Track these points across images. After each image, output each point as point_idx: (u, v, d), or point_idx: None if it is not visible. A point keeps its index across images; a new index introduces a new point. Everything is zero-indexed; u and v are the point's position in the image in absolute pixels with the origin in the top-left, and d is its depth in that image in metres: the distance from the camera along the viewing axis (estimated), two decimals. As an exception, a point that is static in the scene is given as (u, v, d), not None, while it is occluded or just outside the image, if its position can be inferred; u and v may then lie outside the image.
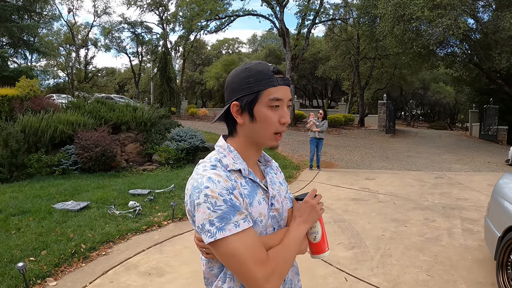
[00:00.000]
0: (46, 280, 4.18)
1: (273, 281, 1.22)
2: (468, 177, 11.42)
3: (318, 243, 1.46)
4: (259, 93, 1.29)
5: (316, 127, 11.74)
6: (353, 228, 6.21)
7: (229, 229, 1.17)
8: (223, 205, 1.18)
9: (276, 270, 1.23)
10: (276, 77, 1.31)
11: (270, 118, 1.29)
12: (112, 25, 41.99)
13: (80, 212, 6.54)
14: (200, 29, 28.08)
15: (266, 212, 1.34)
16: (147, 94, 47.33)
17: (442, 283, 4.29)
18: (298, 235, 1.35)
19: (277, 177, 1.51)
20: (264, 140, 1.33)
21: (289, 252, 1.31)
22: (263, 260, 1.22)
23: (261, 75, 1.30)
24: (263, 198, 1.35)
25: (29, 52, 31.28)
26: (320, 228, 1.46)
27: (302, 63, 35.52)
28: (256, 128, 1.31)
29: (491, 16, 20.79)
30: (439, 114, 53.90)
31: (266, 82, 1.29)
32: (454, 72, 25.45)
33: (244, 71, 1.33)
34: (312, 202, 1.40)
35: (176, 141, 11.93)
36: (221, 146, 1.37)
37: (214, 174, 1.24)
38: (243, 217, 1.21)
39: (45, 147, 10.33)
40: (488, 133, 24.19)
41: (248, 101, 1.29)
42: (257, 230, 1.29)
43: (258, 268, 1.19)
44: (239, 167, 1.31)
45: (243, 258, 1.18)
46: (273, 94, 1.29)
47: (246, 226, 1.20)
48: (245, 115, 1.31)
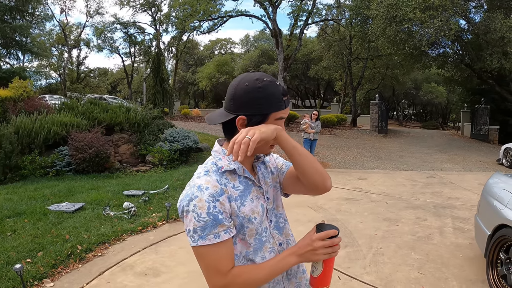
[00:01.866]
0: (43, 282, 4.21)
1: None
2: (459, 176, 11.54)
3: (316, 277, 1.38)
4: (268, 115, 1.35)
5: (311, 128, 11.81)
6: (346, 227, 6.28)
7: (209, 239, 1.27)
8: (206, 218, 1.26)
9: (231, 285, 1.30)
10: (285, 100, 1.37)
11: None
12: (105, 25, 41.81)
13: (75, 213, 6.56)
14: (193, 29, 28.13)
15: (260, 209, 1.40)
16: (139, 95, 47.22)
17: (433, 280, 4.36)
18: (283, 264, 1.35)
19: (269, 166, 1.58)
20: (262, 150, 1.41)
21: (259, 274, 1.33)
22: (223, 272, 1.30)
23: (273, 97, 1.35)
24: (257, 195, 1.42)
25: (21, 52, 31.11)
26: (322, 267, 1.36)
27: (295, 64, 35.60)
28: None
29: (483, 17, 20.95)
30: (431, 114, 54.15)
31: (276, 106, 1.35)
32: (446, 72, 25.57)
33: (258, 90, 1.34)
34: (316, 244, 1.31)
35: (169, 142, 11.96)
36: (217, 151, 1.44)
37: (204, 181, 1.31)
38: (225, 229, 1.29)
39: (39, 148, 10.32)
40: (479, 133, 24.35)
41: (257, 121, 1.34)
42: (252, 227, 1.36)
43: (216, 277, 1.30)
44: (234, 167, 1.37)
45: (209, 265, 1.30)
46: (280, 114, 1.37)
47: (226, 237, 1.28)
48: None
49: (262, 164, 1.56)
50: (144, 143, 12.23)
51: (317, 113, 12.17)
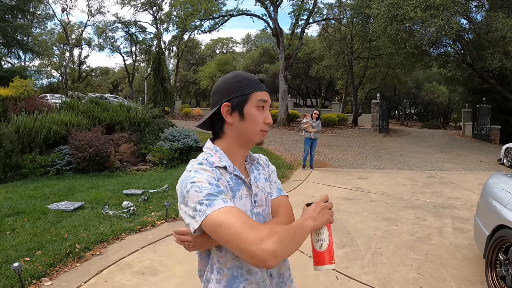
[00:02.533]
0: (41, 280, 4.21)
1: (270, 241, 1.16)
2: (460, 176, 11.53)
3: (323, 252, 1.38)
4: (249, 95, 1.42)
5: (312, 128, 11.81)
6: (345, 227, 6.28)
7: (217, 204, 1.22)
8: (208, 186, 1.26)
9: (272, 236, 1.17)
10: (262, 84, 1.46)
11: (257, 117, 1.42)
12: (106, 24, 41.94)
13: (74, 212, 6.56)
14: (194, 28, 28.13)
15: (247, 208, 1.41)
16: (141, 94, 47.28)
17: (432, 281, 4.35)
18: (304, 226, 1.30)
19: (263, 173, 1.59)
20: (252, 136, 1.44)
21: (292, 232, 1.25)
22: (255, 226, 1.21)
23: (251, 80, 1.45)
24: (246, 195, 1.43)
25: (22, 52, 31.14)
26: (328, 237, 1.39)
27: (296, 63, 35.60)
28: (245, 126, 1.42)
29: (484, 17, 20.92)
30: (432, 113, 54.07)
31: (255, 87, 1.44)
32: (447, 71, 25.52)
33: (235, 77, 1.46)
34: (323, 204, 1.38)
35: (169, 141, 11.97)
36: (208, 148, 1.47)
37: (200, 168, 1.34)
38: (229, 198, 1.30)
39: (39, 147, 10.34)
40: (481, 133, 24.31)
41: (240, 102, 1.41)
42: None
43: (250, 232, 1.17)
44: (225, 164, 1.41)
45: (235, 225, 1.18)
46: (261, 96, 1.44)
47: (232, 204, 1.25)
48: (235, 115, 1.42)
49: (256, 169, 1.57)
50: (144, 142, 12.25)
51: (318, 113, 12.17)
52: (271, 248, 1.14)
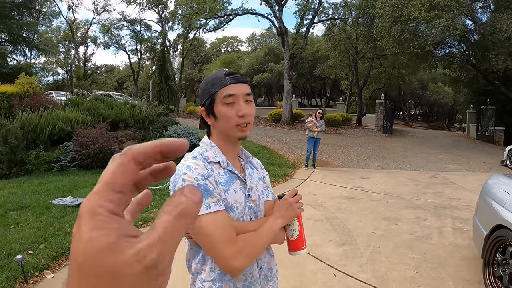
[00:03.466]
0: (44, 273, 4.29)
1: (240, 259, 1.33)
2: (462, 177, 11.53)
3: (295, 240, 1.56)
4: (214, 95, 1.47)
5: (316, 127, 11.84)
6: (345, 225, 6.32)
7: (201, 209, 1.29)
8: None
9: (244, 250, 1.34)
10: (226, 78, 1.47)
11: (227, 114, 1.45)
12: (112, 22, 42.00)
13: (77, 207, 6.63)
14: (199, 27, 28.16)
15: (242, 201, 1.48)
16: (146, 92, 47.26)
17: (429, 280, 4.38)
18: (272, 227, 1.46)
19: (257, 173, 1.65)
20: (229, 133, 1.49)
21: (260, 239, 1.42)
22: (232, 239, 1.34)
23: (215, 80, 1.49)
24: (240, 188, 1.50)
25: (28, 49, 31.24)
26: (298, 226, 1.56)
27: (301, 62, 35.53)
28: (220, 125, 1.48)
29: (489, 18, 20.88)
30: (437, 114, 53.88)
31: (219, 84, 1.47)
32: (452, 72, 25.48)
33: (205, 80, 1.54)
34: (290, 200, 1.53)
35: (173, 139, 12.01)
36: (205, 142, 1.55)
37: (193, 163, 1.41)
38: (215, 201, 1.35)
39: (44, 143, 10.42)
40: (485, 134, 24.22)
41: (208, 104, 1.48)
42: (233, 216, 1.43)
43: (226, 246, 1.32)
44: (219, 160, 1.47)
45: (212, 236, 1.32)
46: (225, 91, 1.45)
47: (217, 208, 1.35)
48: (211, 117, 1.50)
49: (250, 167, 1.64)
50: (148, 139, 12.20)
51: (321, 112, 12.20)
52: (238, 265, 1.34)
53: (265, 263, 1.57)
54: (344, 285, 4.23)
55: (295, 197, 1.56)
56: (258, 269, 1.52)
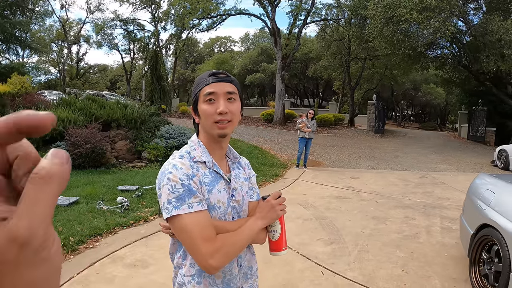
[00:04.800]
0: (35, 272, 4.31)
1: (216, 258, 1.38)
2: (452, 177, 11.63)
3: (276, 241, 1.61)
4: (198, 93, 1.54)
5: (307, 128, 11.90)
6: (334, 224, 6.38)
7: (183, 209, 1.37)
8: (180, 188, 1.39)
9: (221, 250, 1.39)
10: (210, 77, 1.53)
11: (206, 111, 1.50)
12: (105, 22, 41.81)
13: (69, 207, 6.68)
14: (192, 27, 28.17)
15: (225, 201, 1.52)
16: (138, 92, 47.18)
17: (416, 278, 4.44)
18: (252, 227, 1.51)
19: (243, 173, 1.70)
20: (209, 130, 1.53)
21: (239, 239, 1.46)
22: (210, 238, 1.39)
23: (199, 80, 1.56)
24: (224, 188, 1.54)
25: (21, 48, 31.04)
26: (279, 228, 1.61)
27: (294, 63, 35.57)
28: (202, 122, 1.54)
29: (480, 19, 21.03)
30: (429, 115, 54.09)
31: (202, 83, 1.54)
32: (444, 73, 25.59)
33: (194, 82, 1.61)
34: (273, 202, 1.58)
35: (165, 139, 12.05)
36: (193, 141, 1.60)
37: (179, 162, 1.46)
38: (198, 201, 1.40)
39: (36, 143, 10.38)
40: (476, 134, 24.39)
41: (193, 102, 1.55)
42: (215, 215, 1.49)
43: (204, 244, 1.37)
44: (204, 159, 1.52)
45: (192, 234, 1.37)
46: (206, 90, 1.51)
47: (199, 208, 1.40)
48: (196, 115, 1.57)
49: (237, 167, 1.69)
50: (140, 139, 12.32)
51: (313, 112, 12.27)
52: (216, 264, 1.38)
53: (246, 261, 1.62)
54: (332, 283, 4.29)
55: (278, 199, 1.60)
56: (238, 267, 1.58)
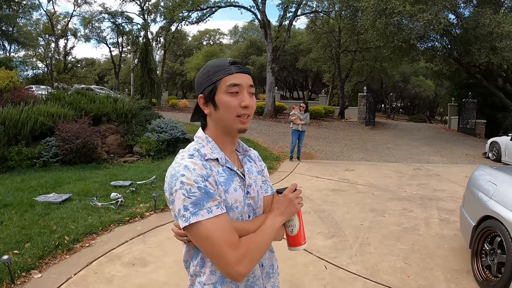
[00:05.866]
0: (31, 273, 4.20)
1: (244, 264, 1.30)
2: (445, 169, 11.68)
3: (295, 236, 1.54)
4: (217, 82, 1.41)
5: (300, 120, 11.86)
6: (333, 218, 6.35)
7: (202, 214, 1.26)
8: (197, 192, 1.27)
9: (248, 254, 1.31)
10: (232, 66, 1.42)
11: (230, 103, 1.39)
12: (93, 15, 41.28)
13: (62, 204, 6.53)
14: (181, 19, 27.95)
15: (242, 199, 1.43)
16: (127, 85, 46.87)
17: (418, 270, 4.44)
18: (273, 225, 1.43)
19: (255, 166, 1.61)
20: (230, 124, 1.42)
21: (262, 240, 1.38)
22: (235, 244, 1.30)
23: (218, 67, 1.43)
24: (240, 185, 1.44)
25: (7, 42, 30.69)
26: (298, 222, 1.53)
27: (283, 55, 35.53)
28: (220, 114, 1.41)
29: (472, 12, 21.08)
30: (418, 107, 54.38)
31: (223, 72, 1.41)
32: (434, 66, 25.63)
33: (206, 66, 1.47)
34: (290, 196, 1.47)
35: (157, 133, 11.94)
36: (200, 137, 1.47)
37: (190, 162, 1.33)
38: (216, 204, 1.30)
39: (26, 139, 10.24)
40: (466, 127, 24.53)
41: (209, 92, 1.41)
42: (232, 216, 1.39)
43: (230, 251, 1.28)
44: (217, 156, 1.40)
45: (215, 241, 1.27)
46: (230, 80, 1.40)
47: (218, 212, 1.29)
48: (210, 105, 1.43)
49: (249, 161, 1.60)
50: (131, 133, 12.19)
51: (304, 105, 12.22)
52: (243, 271, 1.30)
53: (267, 259, 1.55)
54: (335, 277, 4.24)
55: (295, 192, 1.49)
56: (260, 267, 1.50)
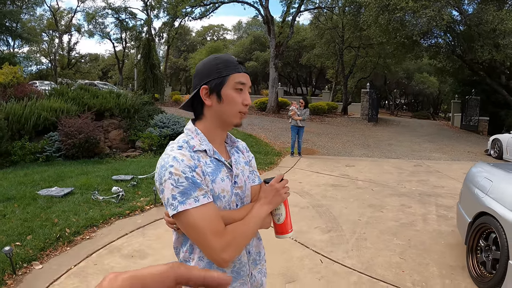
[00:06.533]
0: (32, 264, 4.29)
1: (229, 252, 1.35)
2: (446, 165, 11.68)
3: (281, 224, 1.60)
4: (226, 77, 1.47)
5: (298, 116, 11.91)
6: (331, 212, 6.40)
7: (189, 203, 1.32)
8: (184, 182, 1.33)
9: (233, 242, 1.37)
10: (240, 65, 1.49)
11: (235, 99, 1.47)
12: (96, 10, 41.33)
13: (64, 198, 6.62)
14: (184, 15, 27.92)
15: (229, 189, 1.48)
16: (131, 81, 46.92)
17: (414, 265, 4.48)
18: (259, 214, 1.49)
19: (243, 157, 1.67)
20: (231, 118, 1.50)
21: (248, 228, 1.44)
22: (220, 232, 1.35)
23: (229, 62, 1.49)
24: (227, 176, 1.50)
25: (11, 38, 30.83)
26: (284, 211, 1.59)
27: (287, 51, 35.45)
28: (223, 108, 1.48)
29: (475, 9, 20.99)
30: (422, 103, 54.20)
31: (233, 68, 1.48)
32: (437, 63, 25.55)
33: (214, 59, 1.51)
34: (277, 186, 1.54)
35: (159, 128, 12.00)
36: (189, 129, 1.53)
37: (179, 153, 1.39)
38: (203, 193, 1.36)
39: (29, 134, 10.33)
40: (469, 124, 24.42)
41: (217, 84, 1.47)
42: (220, 205, 1.45)
43: (215, 239, 1.33)
44: (205, 148, 1.47)
45: (201, 229, 1.33)
46: (238, 78, 1.48)
47: (205, 201, 1.35)
48: (213, 97, 1.48)
49: (236, 152, 1.65)
50: (134, 128, 12.26)
51: (303, 101, 12.26)
52: (228, 257, 1.36)
53: (254, 247, 1.60)
54: (331, 271, 4.30)
55: (281, 182, 1.56)
56: (247, 254, 1.56)
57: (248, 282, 1.57)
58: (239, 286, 1.53)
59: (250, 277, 1.57)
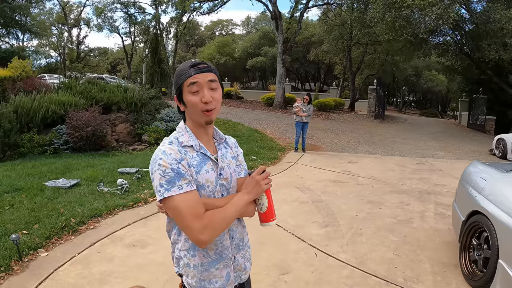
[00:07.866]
0: (38, 251, 4.46)
1: (205, 234, 1.52)
2: (449, 164, 11.65)
3: (264, 213, 1.75)
4: (181, 85, 1.65)
5: (303, 112, 12.01)
6: (329, 208, 6.49)
7: (173, 190, 1.51)
8: (170, 172, 1.52)
9: (210, 225, 1.54)
10: (191, 69, 1.63)
11: (193, 101, 1.62)
12: (105, 4, 41.48)
13: (70, 189, 6.82)
14: (193, 10, 28.01)
15: (213, 179, 1.66)
16: (139, 75, 47.06)
17: (407, 261, 4.54)
18: (238, 203, 1.65)
19: (231, 152, 1.84)
20: (198, 118, 1.66)
21: (225, 214, 1.60)
22: (200, 215, 1.53)
23: (181, 72, 1.66)
24: (212, 168, 1.68)
25: (21, 32, 31.05)
26: (267, 201, 1.74)
27: (295, 47, 35.45)
28: (190, 111, 1.67)
29: (483, 7, 20.89)
30: (431, 101, 53.89)
31: (184, 76, 1.64)
32: (446, 61, 25.43)
33: (175, 71, 1.71)
34: (257, 177, 1.71)
35: (165, 122, 12.16)
36: (180, 127, 1.72)
37: (168, 148, 1.58)
38: (187, 182, 1.54)
39: (37, 127, 10.53)
40: (476, 123, 24.33)
41: (178, 94, 1.67)
42: (204, 193, 1.63)
43: (195, 221, 1.51)
44: (192, 143, 1.65)
45: (183, 212, 1.51)
46: (189, 82, 1.62)
47: (188, 189, 1.53)
48: (181, 104, 1.69)
49: (224, 147, 1.82)
50: (140, 122, 12.42)
51: (307, 98, 12.36)
52: (205, 238, 1.53)
53: (237, 233, 1.78)
54: (324, 264, 4.41)
55: (262, 174, 1.72)
56: (230, 239, 1.73)
57: (231, 265, 1.74)
58: (222, 268, 1.71)
59: (233, 261, 1.75)
